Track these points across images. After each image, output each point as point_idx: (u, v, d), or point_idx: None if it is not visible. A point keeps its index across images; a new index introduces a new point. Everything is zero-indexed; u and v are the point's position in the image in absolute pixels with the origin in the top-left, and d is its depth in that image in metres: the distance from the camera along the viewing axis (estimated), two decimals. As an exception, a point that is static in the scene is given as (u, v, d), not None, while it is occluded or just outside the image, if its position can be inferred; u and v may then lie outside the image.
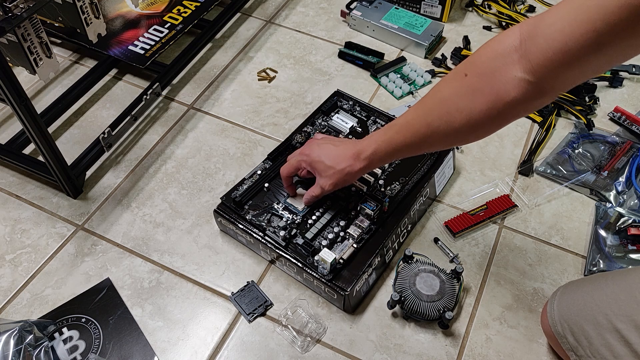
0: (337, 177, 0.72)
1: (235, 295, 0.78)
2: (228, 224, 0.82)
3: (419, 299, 0.74)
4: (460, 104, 0.58)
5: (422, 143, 0.64)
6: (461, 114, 0.58)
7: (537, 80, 0.52)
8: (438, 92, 0.62)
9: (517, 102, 0.54)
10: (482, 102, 0.56)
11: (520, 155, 0.98)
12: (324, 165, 0.72)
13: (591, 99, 1.06)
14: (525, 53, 0.52)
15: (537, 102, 0.55)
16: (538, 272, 0.82)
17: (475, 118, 0.57)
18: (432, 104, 0.62)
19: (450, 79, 0.60)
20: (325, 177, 0.73)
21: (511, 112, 0.56)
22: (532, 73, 0.52)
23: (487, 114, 0.56)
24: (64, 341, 0.74)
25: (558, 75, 0.51)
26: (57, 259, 0.83)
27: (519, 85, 0.53)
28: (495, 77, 0.54)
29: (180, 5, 1.16)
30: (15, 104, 0.74)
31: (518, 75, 0.52)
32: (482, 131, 0.60)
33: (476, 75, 0.56)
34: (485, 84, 0.55)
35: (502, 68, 0.54)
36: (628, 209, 0.87)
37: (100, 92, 1.08)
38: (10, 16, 0.69)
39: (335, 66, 1.13)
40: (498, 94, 0.54)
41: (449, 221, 0.86)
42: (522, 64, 0.52)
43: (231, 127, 1.02)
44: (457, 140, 0.65)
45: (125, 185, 0.93)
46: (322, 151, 0.73)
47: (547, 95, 0.54)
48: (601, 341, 0.61)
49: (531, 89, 0.53)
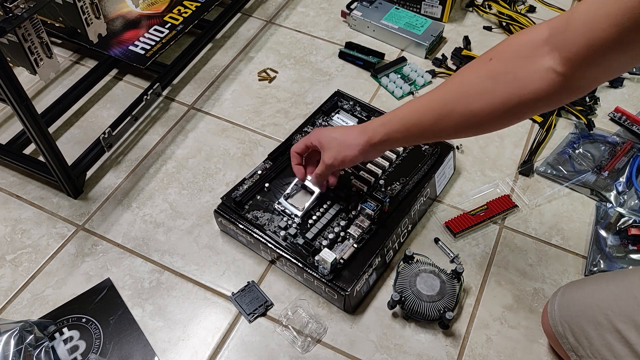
0: (345, 152, 0.70)
1: (235, 296, 0.78)
2: (228, 224, 0.82)
3: (419, 299, 0.74)
4: (482, 86, 0.56)
5: (435, 124, 0.61)
6: (481, 98, 0.56)
7: (566, 73, 0.50)
8: (460, 75, 0.60)
9: (541, 93, 0.52)
10: (504, 88, 0.54)
11: (520, 156, 0.98)
12: (332, 140, 0.71)
13: (592, 99, 1.06)
14: (556, 45, 0.50)
15: (561, 97, 0.53)
16: (538, 272, 0.82)
17: (495, 103, 0.55)
18: (453, 85, 0.60)
19: (474, 64, 0.58)
20: (330, 151, 0.72)
21: (532, 104, 0.54)
22: (562, 65, 0.50)
23: (507, 101, 0.54)
24: (65, 341, 0.74)
25: (586, 70, 0.49)
26: (58, 259, 0.83)
27: (546, 75, 0.51)
28: (522, 65, 0.53)
29: (181, 6, 1.16)
30: (16, 104, 0.74)
31: (547, 64, 0.51)
32: (498, 121, 0.58)
33: (502, 61, 0.55)
34: (511, 69, 0.53)
35: (531, 57, 0.52)
36: (628, 209, 0.87)
37: (100, 92, 1.08)
38: (11, 16, 0.70)
39: (335, 66, 1.13)
40: (523, 81, 0.53)
41: (450, 221, 0.86)
42: (552, 55, 0.50)
43: (231, 127, 1.02)
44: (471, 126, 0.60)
45: (126, 185, 0.93)
46: (331, 130, 0.73)
47: (572, 91, 0.52)
48: (602, 341, 0.61)
49: (558, 82, 0.51)
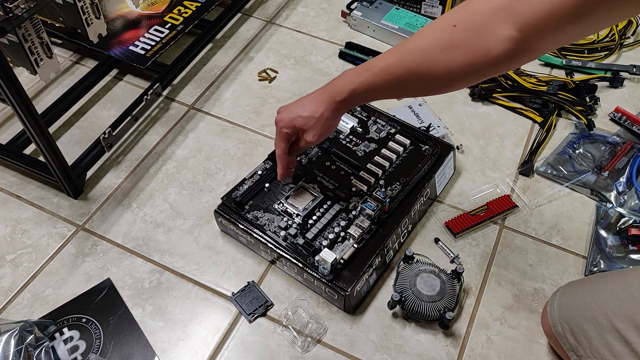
0: (319, 125, 0.69)
1: (235, 296, 0.78)
2: (228, 224, 0.82)
3: (419, 300, 0.74)
4: (446, 56, 0.58)
5: (401, 87, 0.64)
6: (445, 66, 0.59)
7: (522, 39, 0.53)
8: (423, 38, 0.62)
9: (499, 59, 0.55)
10: (464, 57, 0.57)
11: (520, 156, 0.98)
12: (302, 119, 0.70)
13: (592, 99, 1.06)
14: (513, 12, 0.53)
15: (518, 60, 0.56)
16: (538, 272, 0.82)
17: (455, 71, 0.58)
18: (415, 51, 0.62)
19: (437, 28, 0.60)
20: (308, 130, 0.70)
21: (491, 69, 0.57)
22: (519, 32, 0.53)
23: (468, 68, 0.57)
24: (65, 341, 0.74)
25: (542, 36, 0.53)
26: (58, 259, 0.83)
27: (504, 43, 0.54)
28: (481, 34, 0.55)
29: (181, 6, 1.16)
30: (16, 104, 0.74)
31: (505, 33, 0.53)
32: (459, 84, 0.62)
33: (464, 30, 0.57)
34: (470, 38, 0.56)
35: (489, 25, 0.55)
36: (629, 210, 0.87)
37: (100, 92, 1.09)
38: (11, 16, 0.70)
39: (335, 66, 1.13)
40: (482, 49, 0.55)
41: (450, 221, 0.86)
42: (508, 22, 0.53)
43: (232, 127, 1.02)
44: (434, 88, 0.65)
45: (126, 185, 0.93)
46: (294, 107, 0.71)
47: (528, 55, 0.56)
48: (601, 341, 0.61)
49: (515, 48, 0.54)
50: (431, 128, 0.98)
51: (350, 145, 0.89)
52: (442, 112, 1.04)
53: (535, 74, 1.09)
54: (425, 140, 0.89)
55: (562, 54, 1.14)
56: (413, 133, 0.90)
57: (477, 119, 1.04)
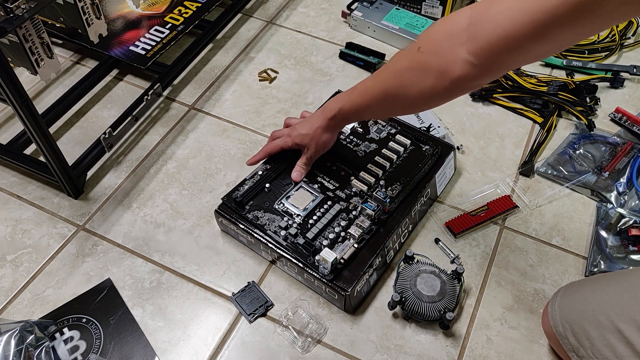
0: (314, 142, 0.81)
1: (236, 296, 0.78)
2: (229, 224, 0.82)
3: (419, 300, 0.74)
4: (413, 78, 0.64)
5: (383, 108, 0.72)
6: (413, 87, 0.64)
7: (479, 63, 0.56)
8: (396, 62, 0.67)
9: (460, 80, 0.58)
10: (431, 79, 0.61)
11: (521, 156, 0.98)
12: (301, 136, 0.82)
13: (592, 99, 1.06)
14: (471, 36, 0.56)
15: (479, 81, 0.59)
16: (539, 272, 0.82)
17: (425, 92, 0.63)
18: (389, 74, 0.68)
19: (406, 53, 0.65)
20: (306, 146, 0.82)
21: (456, 89, 0.61)
22: (475, 56, 0.56)
23: (435, 89, 0.62)
24: (65, 341, 0.74)
25: (499, 59, 0.56)
26: (58, 259, 0.83)
27: (463, 66, 0.57)
28: (443, 57, 0.59)
29: (181, 6, 1.16)
30: (17, 105, 0.74)
31: (463, 56, 0.56)
32: (432, 103, 0.67)
33: (427, 53, 0.61)
34: (434, 61, 0.60)
35: (450, 48, 0.58)
36: (629, 210, 0.87)
37: (101, 92, 1.09)
38: (12, 17, 0.70)
39: (336, 67, 1.14)
40: (445, 72, 0.59)
41: (450, 222, 0.86)
42: (467, 47, 0.56)
43: (232, 127, 1.02)
44: (413, 108, 0.75)
45: (126, 185, 0.93)
46: (298, 126, 0.83)
47: (488, 76, 0.59)
48: (603, 342, 0.61)
49: (473, 70, 0.57)
50: (432, 128, 0.98)
51: (350, 145, 0.89)
52: (442, 112, 1.04)
53: (535, 75, 1.09)
54: (425, 141, 0.89)
55: (563, 54, 1.14)
56: (413, 133, 0.90)
57: (478, 120, 1.04)
